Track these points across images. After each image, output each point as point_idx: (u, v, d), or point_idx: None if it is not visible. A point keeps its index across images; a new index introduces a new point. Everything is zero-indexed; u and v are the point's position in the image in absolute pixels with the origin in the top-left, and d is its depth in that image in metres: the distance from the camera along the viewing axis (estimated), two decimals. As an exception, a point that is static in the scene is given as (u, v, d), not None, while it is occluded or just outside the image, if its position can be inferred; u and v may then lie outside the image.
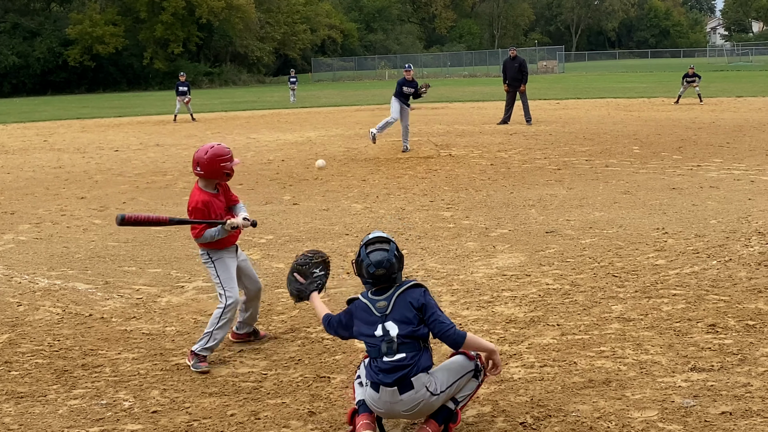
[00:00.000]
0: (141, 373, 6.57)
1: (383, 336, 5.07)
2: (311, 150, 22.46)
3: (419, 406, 5.06)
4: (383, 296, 5.19)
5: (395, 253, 5.23)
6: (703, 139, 21.58)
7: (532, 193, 14.23)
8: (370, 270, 5.17)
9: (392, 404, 5.05)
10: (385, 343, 5.06)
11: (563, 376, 6.08)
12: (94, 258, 10.68)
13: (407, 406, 5.04)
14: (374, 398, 5.10)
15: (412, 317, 5.08)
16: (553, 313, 7.64)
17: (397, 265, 5.22)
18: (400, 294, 5.16)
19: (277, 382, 6.28)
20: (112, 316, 8.18)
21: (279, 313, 8.06)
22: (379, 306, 5.15)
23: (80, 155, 23.38)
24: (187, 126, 33.12)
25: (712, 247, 9.83)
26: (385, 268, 5.16)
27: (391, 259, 5.18)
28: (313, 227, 12.17)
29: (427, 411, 5.12)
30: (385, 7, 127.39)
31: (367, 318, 5.17)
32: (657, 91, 45.26)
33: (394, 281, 5.22)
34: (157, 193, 15.94)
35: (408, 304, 5.11)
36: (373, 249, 5.23)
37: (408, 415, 5.12)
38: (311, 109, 42.94)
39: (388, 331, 5.07)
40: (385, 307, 5.13)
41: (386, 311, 5.12)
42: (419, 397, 5.03)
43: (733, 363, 6.17)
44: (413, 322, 5.07)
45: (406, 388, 5.01)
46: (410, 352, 5.04)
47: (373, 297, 5.21)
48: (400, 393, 5.01)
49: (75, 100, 66.68)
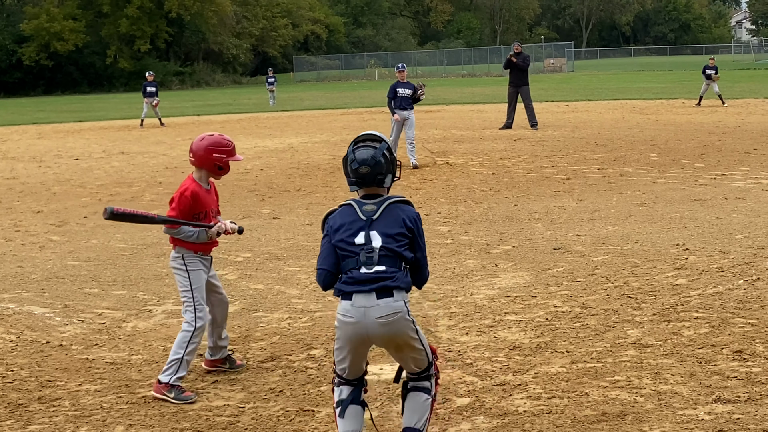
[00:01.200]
0: (104, 407, 6.55)
1: (364, 244, 5.13)
2: (293, 158, 22.49)
3: (395, 317, 5.08)
4: (372, 201, 5.26)
5: (385, 152, 5.29)
6: (727, 145, 21.67)
7: (539, 206, 14.26)
8: (353, 166, 5.23)
9: (366, 309, 5.06)
10: (364, 252, 5.13)
11: (573, 409, 6.09)
12: (52, 279, 10.67)
13: (383, 312, 5.06)
14: (346, 309, 5.12)
15: (399, 235, 5.16)
16: (562, 338, 7.65)
17: (385, 166, 5.27)
18: (391, 203, 5.25)
19: (255, 416, 6.28)
20: (72, 343, 8.16)
21: (257, 340, 8.06)
22: (366, 209, 5.22)
23: (36, 164, 23.36)
24: (156, 132, 33.13)
25: (738, 265, 9.86)
26: (370, 166, 5.21)
27: (377, 157, 5.24)
28: (295, 244, 12.18)
29: (400, 333, 5.14)
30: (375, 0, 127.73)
31: (350, 222, 5.22)
32: (677, 92, 45.44)
33: (381, 183, 5.28)
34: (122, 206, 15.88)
35: (400, 219, 5.19)
36: (361, 146, 5.30)
37: (381, 328, 5.09)
38: (293, 112, 43.00)
39: (371, 240, 5.14)
40: (373, 212, 5.21)
41: (373, 216, 5.20)
42: (397, 307, 5.09)
43: (762, 393, 6.19)
44: (400, 241, 5.16)
45: (384, 294, 5.08)
46: (390, 267, 5.13)
47: (361, 200, 5.29)
48: (378, 297, 5.07)
49: (30, 103, 66.64)
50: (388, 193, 5.37)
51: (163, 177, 19.77)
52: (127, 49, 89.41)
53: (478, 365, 7.05)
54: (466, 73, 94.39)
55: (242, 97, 61.36)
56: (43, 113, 49.40)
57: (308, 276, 10.25)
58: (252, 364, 7.37)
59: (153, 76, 37.52)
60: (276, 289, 9.80)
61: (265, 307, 9.11)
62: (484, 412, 6.11)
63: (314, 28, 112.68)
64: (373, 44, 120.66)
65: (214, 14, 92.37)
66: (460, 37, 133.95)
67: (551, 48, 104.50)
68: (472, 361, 7.15)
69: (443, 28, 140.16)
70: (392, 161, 5.36)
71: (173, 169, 21.03)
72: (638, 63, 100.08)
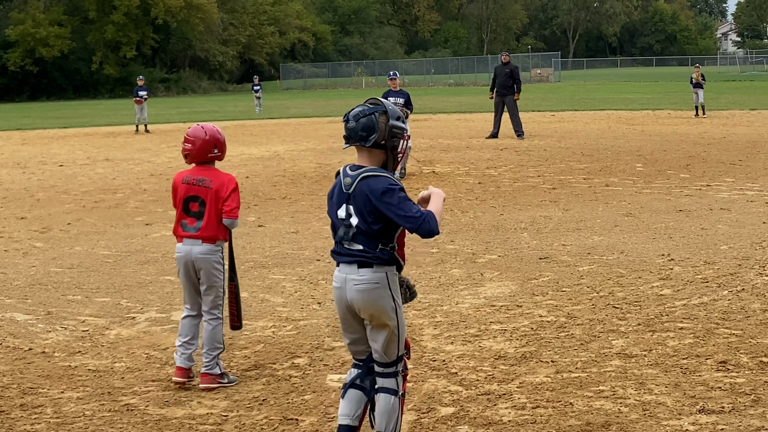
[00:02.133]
0: (86, 415, 6.53)
1: (344, 219, 5.28)
2: (279, 166, 22.47)
3: (371, 287, 5.23)
4: (355, 171, 5.29)
5: (376, 113, 5.24)
6: (713, 156, 21.76)
7: (525, 215, 14.28)
8: (344, 119, 5.30)
9: (348, 276, 5.28)
10: (344, 227, 5.29)
11: (558, 419, 6.10)
12: (35, 285, 10.63)
13: (362, 280, 5.23)
14: (335, 276, 5.40)
15: (370, 214, 5.19)
16: (547, 348, 7.66)
17: (369, 125, 5.22)
18: (363, 178, 5.23)
19: (239, 425, 6.26)
20: (55, 350, 8.13)
21: (241, 348, 8.04)
22: (345, 182, 5.28)
23: (20, 170, 23.29)
24: (141, 139, 33.09)
25: (723, 276, 9.90)
26: (356, 120, 5.23)
27: (365, 113, 5.24)
28: (280, 252, 12.16)
29: (376, 304, 5.25)
30: (363, 8, 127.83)
31: (337, 192, 5.34)
32: (663, 103, 45.61)
33: (364, 141, 5.23)
34: (106, 213, 15.89)
35: (365, 197, 5.19)
36: (360, 105, 5.35)
37: (358, 294, 5.25)
38: (279, 120, 43.00)
39: (350, 215, 5.26)
40: (349, 185, 5.26)
41: (349, 189, 5.25)
42: (376, 278, 5.24)
43: (746, 404, 6.21)
44: (372, 220, 5.19)
45: (365, 266, 5.25)
46: (367, 246, 5.24)
47: (347, 171, 5.34)
48: (358, 267, 5.25)
49: (15, 108, 66.43)
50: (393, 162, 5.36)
51: (147, 184, 19.73)
52: (112, 56, 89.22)
53: (462, 374, 7.05)
54: (453, 82, 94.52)
55: (228, 105, 61.33)
56: (27, 119, 49.26)
57: (293, 284, 10.25)
58: (236, 372, 7.35)
59: (144, 80, 37.53)
60: (260, 297, 9.78)
61: (250, 315, 9.09)
62: (469, 421, 6.11)
63: (301, 36, 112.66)
64: (360, 52, 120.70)
65: (200, 21, 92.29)
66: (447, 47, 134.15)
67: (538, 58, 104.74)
68: (456, 371, 7.15)
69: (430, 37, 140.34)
70: (389, 130, 5.25)
71: (158, 176, 20.98)
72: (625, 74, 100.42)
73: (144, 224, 14.68)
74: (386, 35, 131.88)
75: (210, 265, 6.97)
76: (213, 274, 6.99)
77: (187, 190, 7.03)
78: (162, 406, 6.65)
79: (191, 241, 6.97)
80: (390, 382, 5.39)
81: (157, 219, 15.05)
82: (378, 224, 5.19)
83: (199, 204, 6.97)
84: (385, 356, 5.36)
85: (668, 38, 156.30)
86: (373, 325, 5.32)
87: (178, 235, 7.06)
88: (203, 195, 6.96)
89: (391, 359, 5.38)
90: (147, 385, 7.10)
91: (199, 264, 6.96)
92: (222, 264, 7.04)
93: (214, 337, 7.00)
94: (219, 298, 7.04)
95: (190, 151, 7.07)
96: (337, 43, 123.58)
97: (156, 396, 6.84)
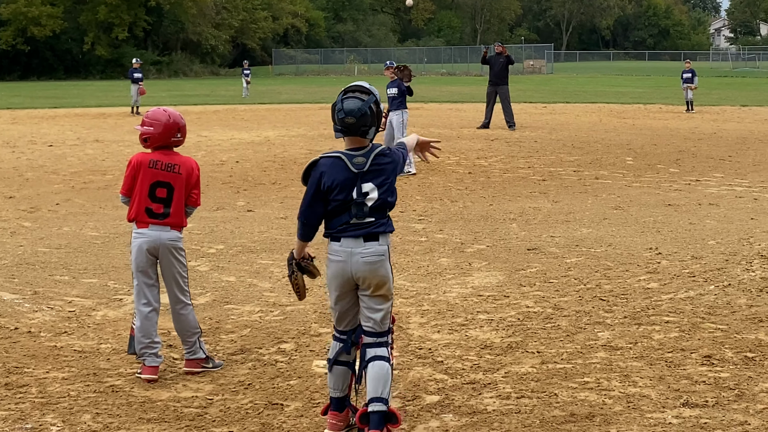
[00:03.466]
0: (71, 395, 6.52)
1: (357, 198, 5.46)
2: (269, 151, 22.44)
3: (378, 259, 5.51)
4: (360, 152, 5.49)
5: (372, 105, 5.47)
6: (703, 151, 21.81)
7: (514, 206, 14.30)
8: (340, 116, 5.44)
9: (353, 250, 5.49)
10: (356, 205, 5.47)
11: (542, 409, 6.11)
12: (23, 265, 10.60)
13: (369, 252, 5.49)
14: (334, 250, 5.56)
15: (388, 185, 5.53)
16: (533, 338, 7.68)
17: (370, 119, 5.46)
18: (378, 154, 5.52)
19: (223, 409, 6.26)
20: (41, 330, 8.12)
21: (228, 332, 8.04)
22: (357, 161, 5.47)
23: (9, 149, 23.21)
24: (131, 120, 32.96)
25: (710, 271, 9.93)
26: (356, 117, 5.42)
27: (363, 109, 5.43)
28: (269, 237, 12.16)
29: (380, 274, 5.52)
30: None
31: (344, 180, 5.46)
32: (654, 97, 45.66)
33: (365, 135, 5.48)
34: (95, 195, 15.86)
35: (388, 170, 5.54)
36: (350, 96, 5.50)
37: (365, 266, 5.48)
38: (270, 105, 42.92)
39: (367, 192, 5.47)
40: (363, 164, 5.47)
41: (363, 168, 5.47)
42: (381, 251, 5.53)
43: (730, 399, 6.23)
44: (389, 190, 5.54)
45: (371, 238, 5.51)
46: (380, 217, 5.53)
47: (350, 152, 5.50)
48: (365, 241, 5.49)
49: (5, 87, 66.15)
50: (371, 144, 5.57)
51: (137, 166, 19.65)
52: (104, 37, 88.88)
53: (448, 363, 7.06)
54: (445, 71, 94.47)
55: (220, 89, 61.17)
56: (18, 98, 49.08)
57: (281, 269, 10.24)
58: (222, 356, 7.35)
59: (140, 63, 37.27)
60: (248, 282, 9.78)
61: (237, 299, 9.09)
62: (453, 410, 6.12)
63: (294, 22, 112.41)
64: (353, 40, 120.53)
65: (193, 4, 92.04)
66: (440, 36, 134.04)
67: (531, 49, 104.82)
68: (442, 359, 7.16)
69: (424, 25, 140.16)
70: (378, 114, 5.53)
71: (148, 159, 20.91)
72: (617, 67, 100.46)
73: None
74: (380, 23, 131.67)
75: (177, 252, 6.88)
76: (180, 261, 6.89)
77: (155, 174, 6.84)
78: (147, 388, 6.64)
79: (159, 228, 6.78)
80: (383, 351, 5.60)
81: (146, 201, 15.00)
82: (391, 194, 5.52)
83: (167, 190, 6.81)
84: (380, 326, 5.59)
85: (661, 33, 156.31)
86: (374, 295, 5.56)
87: (141, 220, 6.82)
88: (172, 181, 6.82)
89: (384, 329, 5.62)
90: (132, 367, 7.09)
91: (164, 251, 6.81)
92: (184, 251, 6.97)
93: (188, 324, 6.94)
94: (185, 284, 6.94)
95: (152, 134, 6.88)
96: (330, 30, 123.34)
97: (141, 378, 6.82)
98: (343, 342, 5.72)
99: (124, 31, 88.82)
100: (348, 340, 5.71)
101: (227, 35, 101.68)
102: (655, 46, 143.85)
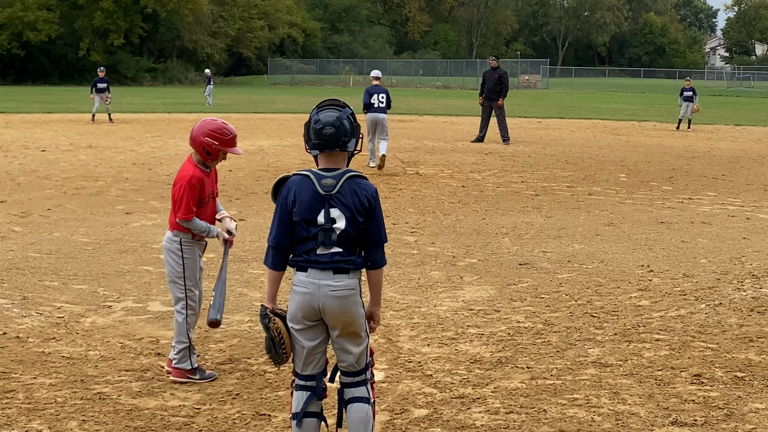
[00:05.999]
0: (58, 401, 6.50)
1: (324, 224, 5.11)
2: (262, 161, 22.43)
3: (347, 293, 5.14)
4: (331, 173, 5.19)
5: (349, 116, 5.25)
6: (696, 169, 21.85)
7: (506, 220, 14.30)
8: (317, 126, 5.16)
9: (320, 282, 5.13)
10: (322, 232, 5.12)
11: (531, 425, 6.11)
12: (12, 270, 10.57)
13: (336, 287, 5.12)
14: (300, 281, 5.18)
15: (359, 214, 5.14)
16: (523, 354, 7.67)
17: (349, 130, 5.21)
18: (349, 178, 5.19)
19: (211, 419, 6.24)
20: (29, 335, 8.09)
21: (217, 341, 8.02)
22: (326, 183, 5.15)
23: (2, 154, 23.16)
24: (125, 127, 32.94)
25: (701, 289, 9.93)
26: (335, 126, 5.15)
27: (342, 119, 5.19)
28: (260, 247, 12.13)
29: (350, 311, 5.17)
30: (353, 6, 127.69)
31: (309, 200, 5.15)
32: (648, 114, 45.76)
33: (345, 146, 5.20)
34: (87, 201, 15.83)
35: (360, 197, 5.16)
36: (325, 108, 5.25)
37: (333, 300, 5.12)
38: (265, 114, 42.90)
39: (334, 219, 5.11)
40: (332, 186, 5.14)
41: (332, 191, 5.13)
42: (351, 285, 5.16)
43: (719, 418, 6.23)
44: (359, 222, 5.14)
45: (340, 272, 5.15)
46: (347, 250, 5.16)
47: (319, 172, 5.22)
48: (334, 273, 5.14)
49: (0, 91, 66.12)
50: (348, 164, 5.32)
51: (130, 173, 19.66)
52: (100, 43, 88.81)
53: (437, 377, 7.05)
54: (440, 84, 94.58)
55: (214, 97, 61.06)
56: (11, 102, 49.00)
57: (272, 279, 10.22)
58: (210, 366, 7.33)
59: (104, 72, 36.92)
60: (238, 291, 9.77)
61: (227, 308, 9.04)
62: (442, 424, 6.11)
63: (291, 32, 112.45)
64: (349, 51, 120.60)
65: (190, 12, 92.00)
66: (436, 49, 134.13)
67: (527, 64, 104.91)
68: (432, 373, 7.15)
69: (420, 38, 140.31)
70: (356, 127, 5.30)
71: (140, 165, 20.92)
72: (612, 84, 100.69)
73: (124, 213, 14.62)
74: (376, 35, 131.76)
75: (167, 253, 6.90)
76: (169, 264, 6.90)
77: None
78: (134, 396, 6.63)
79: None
80: (361, 391, 5.30)
81: (137, 208, 15.01)
82: (363, 226, 5.15)
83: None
84: (355, 365, 5.29)
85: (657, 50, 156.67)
86: (344, 333, 5.22)
87: None
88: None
89: (360, 367, 5.30)
90: (120, 375, 7.07)
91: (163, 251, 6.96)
92: (179, 255, 6.87)
93: (179, 330, 6.94)
94: (179, 290, 6.89)
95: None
96: (327, 41, 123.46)
97: (129, 386, 6.82)
98: (310, 390, 5.29)
99: (120, 37, 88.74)
100: (318, 385, 5.30)
101: (223, 44, 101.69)
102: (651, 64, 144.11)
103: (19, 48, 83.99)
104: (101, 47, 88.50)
